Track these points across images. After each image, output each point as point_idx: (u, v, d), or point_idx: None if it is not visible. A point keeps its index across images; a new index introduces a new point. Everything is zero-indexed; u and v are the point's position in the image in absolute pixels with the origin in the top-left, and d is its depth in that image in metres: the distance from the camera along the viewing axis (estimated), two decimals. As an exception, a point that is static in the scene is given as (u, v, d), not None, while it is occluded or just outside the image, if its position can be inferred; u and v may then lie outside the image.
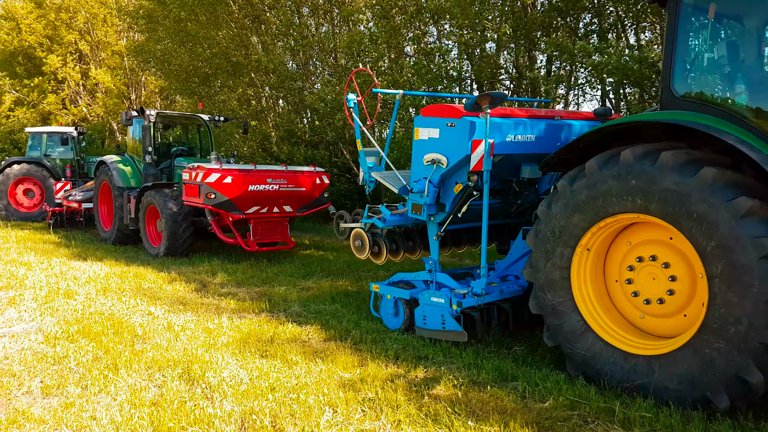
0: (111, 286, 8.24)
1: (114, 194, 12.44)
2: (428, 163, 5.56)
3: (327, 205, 11.30)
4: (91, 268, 9.69)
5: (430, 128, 5.55)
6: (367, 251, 6.32)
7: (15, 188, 17.46)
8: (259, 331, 6.03)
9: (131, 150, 13.20)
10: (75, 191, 14.90)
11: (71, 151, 18.19)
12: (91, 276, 8.89)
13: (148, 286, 8.38)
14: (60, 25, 27.90)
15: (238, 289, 8.28)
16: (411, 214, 5.82)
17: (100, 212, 13.37)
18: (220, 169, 9.89)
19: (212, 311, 7.01)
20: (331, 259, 11.00)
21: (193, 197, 10.06)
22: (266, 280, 8.96)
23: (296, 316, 6.74)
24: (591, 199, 4.36)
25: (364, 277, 9.12)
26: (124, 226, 12.36)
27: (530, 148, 5.68)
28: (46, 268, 9.58)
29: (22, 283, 8.24)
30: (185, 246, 10.90)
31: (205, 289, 8.25)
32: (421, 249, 6.62)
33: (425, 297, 5.63)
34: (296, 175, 10.70)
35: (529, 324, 5.90)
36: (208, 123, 13.21)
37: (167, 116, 12.92)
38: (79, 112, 29.76)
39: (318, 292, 8.04)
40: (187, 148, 13.34)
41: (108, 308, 6.95)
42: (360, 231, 6.39)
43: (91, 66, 28.80)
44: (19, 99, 28.67)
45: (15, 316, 6.53)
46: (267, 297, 7.75)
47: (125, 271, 9.47)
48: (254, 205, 10.32)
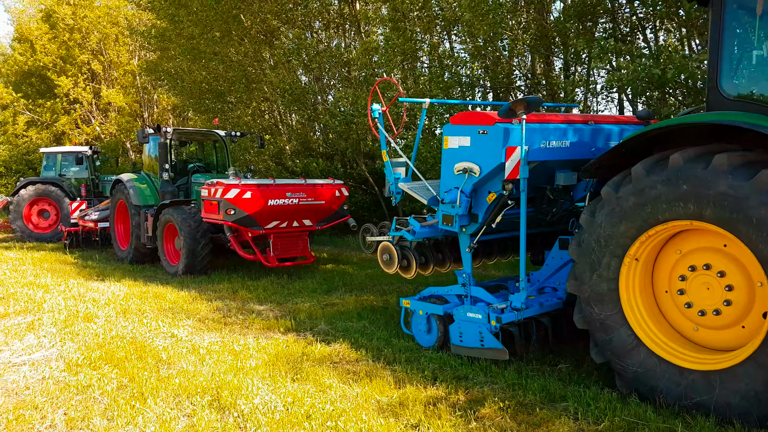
0: (131, 307, 8.06)
1: (131, 213, 12.32)
2: (459, 172, 5.33)
3: (347, 217, 11.09)
4: (109, 289, 9.53)
5: (461, 136, 5.33)
6: (396, 265, 6.09)
7: (30, 209, 17.42)
8: (288, 352, 5.80)
9: (147, 168, 13.09)
10: (90, 210, 14.81)
11: (86, 170, 18.15)
12: (110, 297, 8.73)
13: (169, 306, 8.20)
14: (73, 45, 28.09)
15: (261, 307, 8.07)
16: (442, 226, 5.59)
17: (116, 231, 13.25)
18: (239, 184, 9.72)
19: (237, 331, 6.80)
20: (352, 272, 10.78)
21: (213, 214, 9.89)
22: (289, 296, 8.75)
23: (324, 334, 6.51)
24: (639, 206, 4.11)
25: (388, 291, 8.88)
26: (141, 245, 12.22)
27: (565, 155, 5.45)
28: (64, 290, 9.43)
29: (41, 306, 8.09)
30: (204, 263, 10.73)
31: (228, 308, 8.05)
32: (451, 261, 6.38)
33: (461, 313, 5.39)
34: (315, 188, 10.51)
35: (569, 338, 5.64)
36: (224, 138, 13.08)
37: (183, 132, 12.81)
38: (92, 131, 29.88)
39: (343, 309, 7.81)
40: (203, 164, 13.21)
41: (130, 331, 6.76)
42: (388, 244, 6.16)
43: (103, 86, 28.93)
44: (33, 120, 28.85)
45: (34, 342, 6.36)
46: (291, 315, 7.53)
47: (144, 291, 9.30)
48: (274, 219, 10.14)
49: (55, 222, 17.50)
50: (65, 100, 28.49)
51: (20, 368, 5.50)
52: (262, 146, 13.27)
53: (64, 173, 18.09)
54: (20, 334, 6.68)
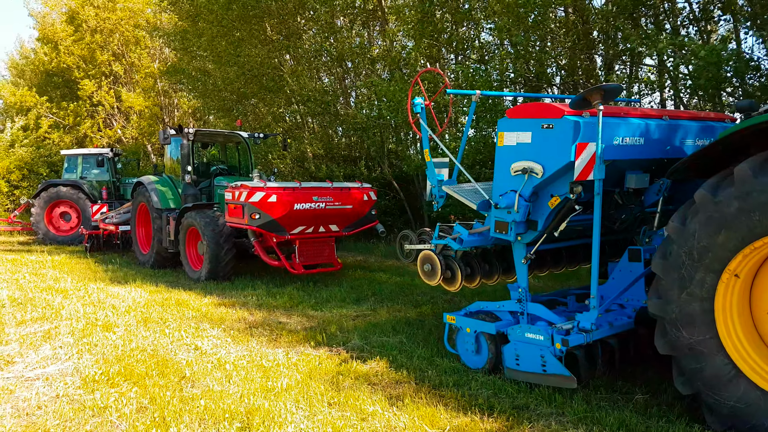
0: (152, 315, 7.59)
1: (152, 216, 11.92)
2: (517, 173, 4.77)
3: (374, 223, 10.56)
4: (130, 295, 9.09)
5: (520, 132, 4.77)
6: (439, 276, 5.54)
7: (51, 211, 17.17)
8: (321, 371, 5.27)
9: (169, 170, 12.70)
10: (112, 213, 14.47)
11: (107, 173, 17.87)
12: (131, 305, 8.28)
13: (192, 314, 7.72)
14: (95, 47, 28.01)
15: (288, 318, 7.56)
16: (494, 234, 5.02)
17: (137, 235, 12.86)
18: (265, 187, 9.24)
19: (264, 344, 6.29)
20: (381, 281, 10.23)
21: (237, 218, 9.43)
22: (316, 306, 8.22)
23: (358, 350, 5.97)
24: (743, 213, 3.51)
25: (421, 302, 8.33)
26: (163, 249, 11.81)
27: (637, 153, 4.85)
28: (83, 295, 9.01)
29: (58, 313, 7.66)
30: (228, 269, 10.28)
31: (253, 318, 7.55)
32: (499, 273, 5.81)
33: (517, 333, 4.81)
34: (343, 192, 10.00)
35: (635, 361, 5.04)
36: (247, 140, 12.65)
37: (206, 134, 12.39)
38: (114, 134, 29.79)
39: (375, 321, 7.27)
40: (226, 167, 12.79)
41: (151, 343, 6.28)
42: (430, 254, 5.61)
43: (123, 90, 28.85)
44: (56, 122, 28.81)
45: (50, 353, 5.90)
46: (321, 327, 7.00)
47: (166, 297, 8.84)
48: (300, 224, 9.64)
49: (76, 225, 17.22)
50: (88, 103, 28.43)
51: (33, 383, 5.04)
52: (285, 148, 12.81)
53: (86, 176, 17.83)
54: (36, 344, 6.23)
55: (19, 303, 8.35)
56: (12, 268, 11.98)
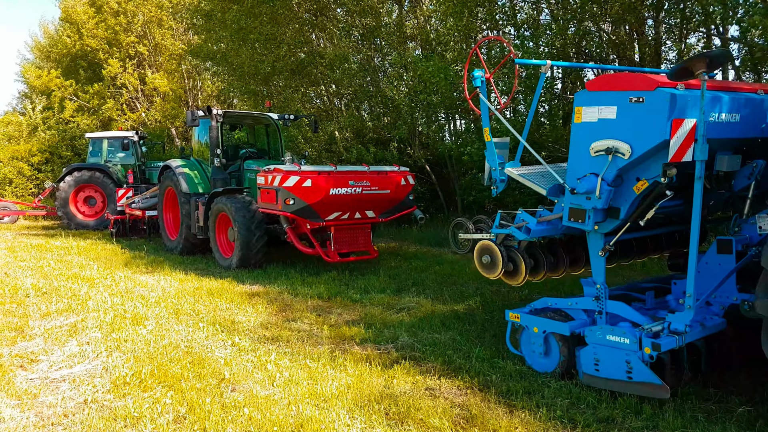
0: (184, 307, 7.19)
1: (180, 201, 11.53)
2: (598, 153, 4.20)
3: (413, 209, 10.03)
4: (159, 284, 8.72)
5: (602, 106, 4.18)
6: (500, 269, 5.00)
7: (76, 196, 16.91)
8: (372, 373, 4.79)
9: (197, 153, 12.27)
10: (138, 198, 14.13)
11: (132, 156, 17.55)
12: (161, 294, 7.89)
13: (225, 306, 7.30)
14: (119, 29, 27.69)
15: (327, 310, 7.10)
16: (568, 222, 4.47)
17: (165, 220, 12.50)
18: (299, 171, 8.75)
19: (305, 340, 5.83)
20: (419, 269, 9.72)
21: (269, 203, 8.97)
22: (355, 297, 7.75)
23: (408, 349, 5.48)
24: None
25: (467, 294, 7.81)
26: (191, 235, 11.43)
27: (730, 132, 4.25)
28: (110, 284, 8.66)
29: (85, 304, 7.29)
30: (259, 256, 9.85)
31: (290, 310, 7.11)
32: (566, 265, 5.26)
33: (596, 335, 4.27)
34: (380, 176, 9.47)
35: (723, 364, 4.48)
36: (277, 122, 12.16)
37: (235, 116, 11.93)
38: (137, 117, 29.56)
39: (421, 314, 6.77)
40: (255, 149, 12.33)
41: (184, 338, 5.86)
42: (489, 244, 5.07)
43: (147, 71, 28.57)
44: (80, 105, 28.64)
45: (76, 350, 5.50)
46: (364, 321, 6.53)
47: (197, 287, 8.45)
48: (335, 210, 9.15)
49: (102, 209, 16.97)
50: (111, 84, 28.20)
51: (59, 386, 4.64)
52: (316, 131, 12.30)
53: (110, 159, 17.54)
54: (62, 339, 5.85)
55: (44, 293, 8.02)
56: (36, 254, 11.70)
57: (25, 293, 8.01)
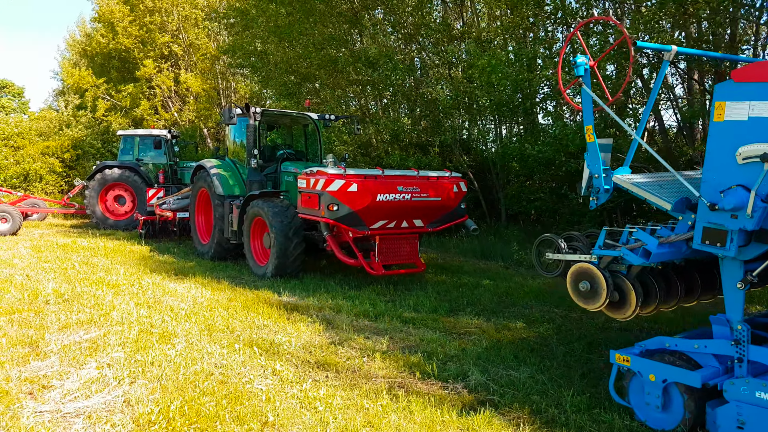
0: (217, 323, 6.42)
1: (214, 203, 10.84)
2: (749, 160, 3.31)
3: (464, 218, 9.16)
4: (189, 293, 7.99)
5: (755, 101, 3.30)
6: (603, 300, 4.11)
7: (105, 194, 16.40)
8: (447, 426, 3.94)
9: (232, 154, 11.58)
10: (169, 199, 13.51)
11: (164, 156, 16.99)
12: (191, 306, 7.16)
13: (262, 322, 6.52)
14: (153, 28, 27.41)
15: (377, 333, 6.27)
16: (700, 245, 3.57)
17: (197, 223, 11.83)
18: (344, 175, 7.96)
19: (357, 371, 5.01)
20: (471, 285, 8.84)
21: (311, 208, 8.19)
22: (405, 317, 6.91)
23: (483, 390, 4.61)
24: None
25: (535, 318, 6.92)
26: (224, 240, 10.73)
27: None
28: (137, 292, 7.96)
29: (108, 316, 6.58)
30: (296, 265, 9.08)
31: (334, 330, 6.30)
32: (680, 296, 4.35)
33: (741, 390, 3.37)
34: (430, 182, 8.63)
35: None
36: (317, 122, 11.42)
37: (273, 115, 11.21)
38: (170, 117, 29.26)
39: (487, 342, 5.89)
40: (293, 151, 11.59)
41: (218, 362, 5.08)
42: (589, 268, 4.18)
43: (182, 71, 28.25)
44: (113, 105, 28.40)
45: (95, 374, 4.76)
46: (422, 348, 5.68)
47: (230, 298, 7.70)
48: (381, 218, 8.34)
49: (131, 209, 16.43)
50: (146, 85, 27.91)
51: (72, 424, 3.88)
52: (358, 132, 11.50)
53: (142, 158, 17.00)
54: (79, 360, 5.12)
55: (65, 300, 7.35)
56: (62, 255, 11.11)
57: (45, 299, 7.35)
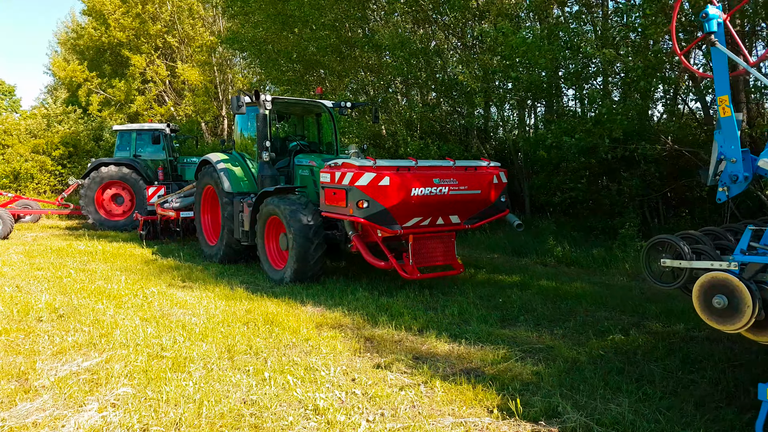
0: (237, 342, 5.48)
1: (222, 201, 9.89)
2: None
3: (505, 212, 8.23)
4: (201, 304, 7.05)
5: None
6: (747, 319, 3.19)
7: (102, 193, 15.42)
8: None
9: (239, 147, 10.62)
10: (171, 197, 12.54)
11: (163, 151, 16.01)
12: (205, 322, 6.22)
13: (289, 340, 5.59)
14: (146, 18, 26.35)
15: (426, 350, 5.33)
16: None
17: (203, 223, 10.88)
18: (374, 167, 7.02)
19: (417, 408, 4.08)
20: (514, 286, 7.92)
21: (337, 206, 7.25)
22: (452, 330, 5.98)
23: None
24: None
25: (608, 329, 6.00)
26: (234, 241, 9.80)
27: None
28: (141, 304, 7.03)
29: (110, 336, 5.64)
30: (317, 268, 8.16)
31: (376, 348, 5.37)
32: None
33: None
34: (468, 173, 7.69)
35: None
36: (331, 111, 10.45)
37: (284, 103, 10.24)
38: (166, 111, 28.27)
39: (564, 363, 4.93)
40: (306, 142, 10.64)
41: (247, 399, 4.15)
42: (727, 278, 3.26)
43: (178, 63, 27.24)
44: (107, 99, 27.34)
45: (97, 420, 3.82)
46: (487, 372, 4.76)
47: (248, 309, 6.76)
48: (416, 215, 7.40)
49: (130, 208, 15.46)
50: (139, 79, 26.88)
51: (69, 499, 2.95)
52: (376, 121, 10.54)
53: (139, 154, 16.02)
54: (78, 398, 4.18)
55: (60, 315, 6.42)
56: (56, 260, 10.16)
57: (38, 316, 6.42)
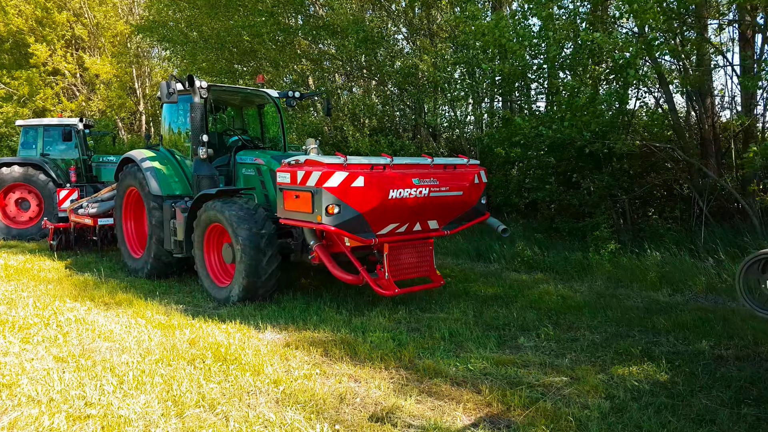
0: (184, 391, 4.24)
1: (148, 206, 8.47)
2: None
3: (485, 216, 7.32)
4: (131, 335, 5.72)
5: None
6: None
7: (5, 198, 13.41)
8: None
9: (169, 142, 9.19)
10: (87, 202, 10.88)
11: (76, 150, 14.15)
12: (138, 360, 4.93)
13: (253, 385, 4.40)
14: (51, 6, 23.91)
15: (429, 394, 4.30)
16: None
17: (125, 231, 9.38)
18: (345, 164, 5.91)
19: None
20: (497, 299, 7.05)
21: (301, 212, 6.08)
22: (450, 358, 5.00)
23: None
24: None
25: (626, 353, 5.19)
26: (164, 253, 8.41)
27: None
28: (55, 337, 5.62)
29: (15, 387, 4.27)
30: (270, 284, 6.96)
31: (367, 393, 4.30)
32: None
33: None
34: (447, 172, 6.72)
35: None
36: (277, 101, 9.22)
37: (223, 91, 8.92)
38: (77, 106, 25.89)
39: (597, 400, 4.07)
40: (248, 137, 9.36)
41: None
42: None
43: (86, 55, 25.02)
44: (8, 93, 24.61)
45: None
46: (506, 418, 3.80)
47: (192, 339, 5.50)
48: (392, 221, 6.36)
49: (37, 215, 13.53)
50: (43, 71, 24.39)
51: None
52: (329, 114, 9.39)
53: (48, 152, 14.06)
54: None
55: (-53, 361, 4.94)
56: (-54, 282, 8.41)
57: None
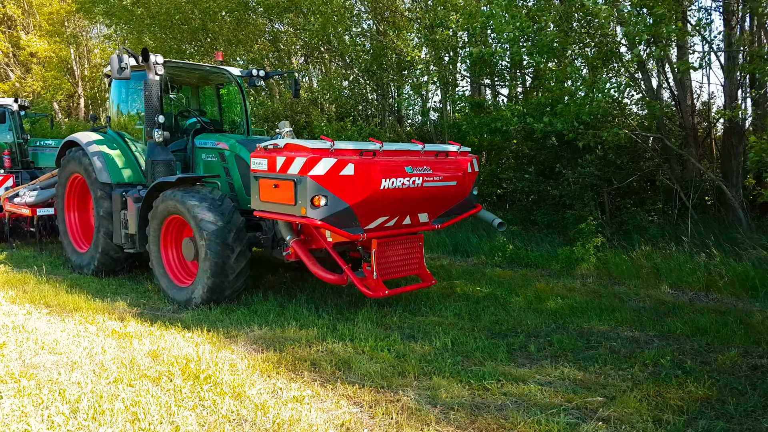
0: (153, 424, 3.48)
1: (95, 195, 7.53)
2: None
3: (477, 209, 6.72)
4: (80, 345, 4.88)
5: None
6: None
7: (-74, 186, 12.02)
8: None
9: (117, 125, 8.21)
10: (23, 190, 9.74)
11: (10, 133, 12.83)
12: (93, 379, 4.11)
13: (236, 412, 3.66)
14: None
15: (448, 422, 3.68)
16: None
17: (68, 223, 8.38)
18: (332, 150, 5.19)
19: None
20: (488, 298, 6.50)
21: (281, 203, 5.32)
22: (458, 372, 4.39)
23: None
24: None
25: (649, 361, 4.70)
26: (113, 247, 7.51)
27: None
28: (-12, 351, 4.73)
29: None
30: (238, 284, 6.20)
31: (367, 413, 3.64)
32: None
33: None
34: (440, 160, 6.08)
35: None
36: (239, 80, 8.37)
37: (180, 68, 8.01)
38: (10, 87, 24.16)
39: (649, 426, 3.54)
40: (207, 119, 8.48)
41: None
42: None
43: (21, 33, 23.39)
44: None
45: None
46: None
47: (153, 351, 4.70)
48: (382, 214, 5.69)
49: (-35, 204, 12.18)
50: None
51: None
52: (296, 95, 8.59)
53: (-23, 135, 12.72)
54: None
55: None
56: None
57: None
